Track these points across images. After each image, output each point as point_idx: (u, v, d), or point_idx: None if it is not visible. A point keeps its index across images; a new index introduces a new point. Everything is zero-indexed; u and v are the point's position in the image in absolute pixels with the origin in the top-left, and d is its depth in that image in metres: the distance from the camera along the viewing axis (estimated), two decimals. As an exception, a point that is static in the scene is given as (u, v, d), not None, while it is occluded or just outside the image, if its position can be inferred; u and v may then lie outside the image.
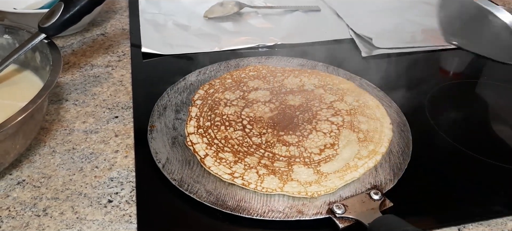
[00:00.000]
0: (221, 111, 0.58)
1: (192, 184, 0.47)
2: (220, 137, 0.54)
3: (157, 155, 0.51)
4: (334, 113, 0.58)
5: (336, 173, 0.49)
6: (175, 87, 0.63)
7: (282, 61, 0.71)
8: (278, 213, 0.44)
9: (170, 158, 0.51)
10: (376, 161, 0.51)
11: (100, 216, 0.46)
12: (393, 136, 0.55)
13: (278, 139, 0.54)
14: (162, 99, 0.60)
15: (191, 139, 0.53)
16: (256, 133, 0.54)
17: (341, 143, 0.53)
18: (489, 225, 0.46)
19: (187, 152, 0.52)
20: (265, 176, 0.48)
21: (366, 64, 0.73)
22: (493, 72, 0.75)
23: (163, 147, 0.52)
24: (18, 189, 0.48)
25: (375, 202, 0.45)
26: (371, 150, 0.53)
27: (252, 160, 0.50)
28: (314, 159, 0.51)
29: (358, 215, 0.44)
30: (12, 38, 0.61)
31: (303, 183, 0.47)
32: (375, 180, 0.49)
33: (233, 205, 0.45)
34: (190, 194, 0.46)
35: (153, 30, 0.80)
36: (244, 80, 0.65)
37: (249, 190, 0.47)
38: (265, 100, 0.60)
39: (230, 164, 0.49)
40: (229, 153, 0.51)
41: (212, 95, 0.61)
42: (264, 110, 0.58)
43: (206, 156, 0.51)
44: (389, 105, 0.62)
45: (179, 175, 0.48)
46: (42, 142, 0.55)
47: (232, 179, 0.48)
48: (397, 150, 0.54)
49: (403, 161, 0.52)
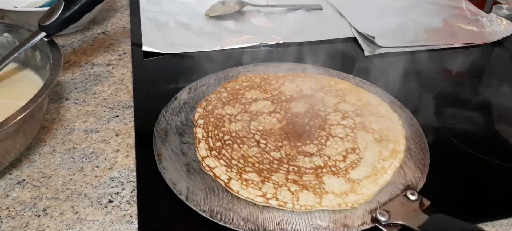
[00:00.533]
0: (228, 128, 0.55)
1: (224, 213, 0.44)
2: (236, 156, 0.50)
3: (175, 186, 0.46)
4: (342, 116, 0.57)
5: (368, 179, 0.47)
6: (170, 108, 0.58)
7: (271, 67, 0.69)
8: (323, 230, 0.43)
9: (191, 188, 0.46)
10: (400, 160, 0.50)
11: (101, 216, 0.45)
12: (406, 132, 0.55)
13: (298, 151, 0.51)
14: (160, 124, 0.56)
15: (207, 163, 0.49)
16: (273, 147, 0.52)
17: (361, 146, 0.52)
18: (495, 226, 0.45)
19: (207, 178, 0.48)
20: (298, 192, 0.46)
21: (368, 63, 0.73)
22: (496, 71, 0.74)
23: (179, 176, 0.48)
24: (18, 188, 0.48)
25: (414, 203, 0.44)
26: (392, 149, 0.52)
27: (279, 177, 0.48)
28: (341, 167, 0.49)
29: (404, 219, 0.42)
30: (12, 37, 0.61)
31: (339, 194, 0.46)
32: (406, 180, 0.48)
33: (275, 229, 0.43)
34: (226, 225, 0.42)
35: (154, 29, 0.80)
36: (240, 92, 0.62)
37: (286, 210, 0.44)
38: (269, 111, 0.58)
39: (258, 185, 0.46)
40: (252, 173, 0.48)
41: (212, 112, 0.58)
42: (272, 122, 0.56)
43: (229, 179, 0.47)
44: (391, 100, 0.61)
45: (207, 205, 0.44)
46: (42, 141, 0.54)
47: (265, 201, 0.45)
48: (414, 145, 0.53)
49: (424, 156, 0.52)
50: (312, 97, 0.61)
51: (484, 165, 0.53)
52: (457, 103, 0.65)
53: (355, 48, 0.77)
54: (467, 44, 0.79)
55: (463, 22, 0.87)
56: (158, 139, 0.53)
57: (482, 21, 0.87)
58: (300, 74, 0.67)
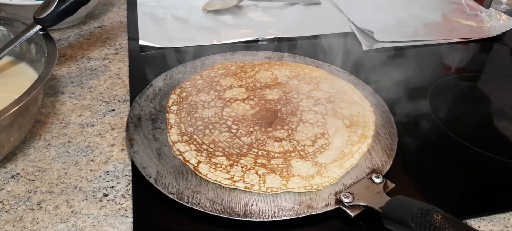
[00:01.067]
0: (201, 114, 0.55)
1: (192, 195, 0.45)
2: (207, 141, 0.51)
3: (145, 169, 0.47)
4: (314, 102, 0.58)
5: (334, 162, 0.49)
6: (144, 95, 0.59)
7: (248, 55, 0.70)
8: (288, 211, 0.43)
9: (161, 171, 0.47)
10: (368, 144, 0.52)
11: (96, 210, 0.45)
12: (376, 118, 0.56)
13: (268, 136, 0.52)
14: (134, 110, 0.56)
15: (177, 147, 0.50)
16: (244, 133, 0.53)
17: (330, 131, 0.53)
18: (492, 220, 0.45)
19: (177, 161, 0.49)
20: (265, 175, 0.47)
21: (367, 58, 0.72)
22: (496, 66, 0.74)
23: (150, 160, 0.49)
24: (12, 182, 0.47)
25: (378, 185, 0.46)
26: (361, 134, 0.53)
27: (248, 160, 0.49)
28: (309, 151, 0.50)
29: (367, 201, 0.44)
30: (7, 30, 0.60)
31: (305, 177, 0.47)
32: (372, 164, 0.49)
33: (240, 211, 0.43)
34: (193, 206, 0.43)
35: (151, 23, 0.79)
36: (215, 80, 0.62)
37: (253, 192, 0.45)
38: (243, 97, 0.59)
39: (226, 168, 0.48)
40: (222, 157, 0.49)
41: (186, 99, 0.58)
42: (245, 108, 0.57)
43: (199, 163, 0.48)
44: (363, 88, 0.62)
45: (175, 187, 0.45)
46: (37, 135, 0.54)
47: (233, 183, 0.46)
48: (383, 131, 0.54)
49: (392, 141, 0.53)
50: (286, 85, 0.62)
51: (468, 153, 0.54)
52: (455, 100, 0.65)
53: (353, 43, 0.76)
54: (466, 39, 0.79)
55: (462, 17, 0.87)
56: (131, 125, 0.54)
57: (481, 16, 0.87)
58: (276, 62, 0.68)
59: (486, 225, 0.45)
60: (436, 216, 0.38)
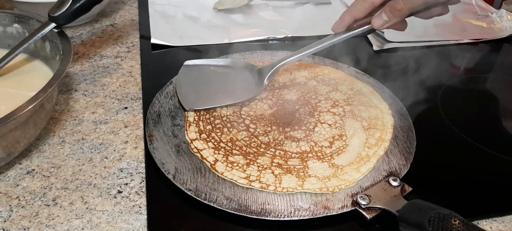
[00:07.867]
0: (219, 113, 0.56)
1: (209, 192, 0.45)
2: (225, 139, 0.52)
3: (164, 165, 0.48)
4: (333, 104, 0.58)
5: (351, 165, 0.49)
6: (164, 92, 0.60)
7: (267, 55, 0.70)
8: (304, 211, 0.44)
9: (179, 168, 0.48)
10: (385, 148, 0.52)
11: (110, 206, 0.45)
12: (395, 121, 0.56)
13: (286, 136, 0.53)
14: (154, 106, 0.57)
15: (195, 145, 0.51)
16: (262, 132, 0.53)
17: (348, 133, 0.53)
18: (503, 221, 0.45)
19: (195, 159, 0.49)
20: (281, 175, 0.47)
21: (377, 58, 0.72)
22: (505, 67, 0.74)
23: (169, 157, 0.49)
24: (27, 178, 0.48)
25: (395, 188, 0.46)
26: (378, 137, 0.53)
27: (264, 160, 0.49)
28: (326, 152, 0.50)
29: (384, 203, 0.44)
30: (22, 28, 0.61)
31: (321, 178, 0.47)
32: (390, 167, 0.49)
33: (257, 209, 0.44)
34: (210, 203, 0.44)
35: (162, 21, 0.80)
36: None
37: (269, 191, 0.45)
38: (261, 97, 0.59)
39: (243, 167, 0.48)
40: (239, 156, 0.50)
41: None
42: (264, 108, 0.58)
43: (216, 161, 0.49)
44: (382, 90, 0.62)
45: (193, 184, 0.46)
46: (52, 132, 0.55)
47: (249, 183, 0.46)
48: (402, 134, 0.54)
49: (410, 144, 0.53)
50: (304, 86, 0.62)
51: (479, 155, 0.54)
52: (465, 100, 0.65)
53: (364, 43, 0.77)
54: (476, 40, 0.79)
55: (473, 17, 0.87)
56: (151, 121, 0.55)
57: (491, 17, 0.86)
58: (295, 62, 0.67)
59: (498, 226, 0.45)
60: (454, 221, 0.38)
